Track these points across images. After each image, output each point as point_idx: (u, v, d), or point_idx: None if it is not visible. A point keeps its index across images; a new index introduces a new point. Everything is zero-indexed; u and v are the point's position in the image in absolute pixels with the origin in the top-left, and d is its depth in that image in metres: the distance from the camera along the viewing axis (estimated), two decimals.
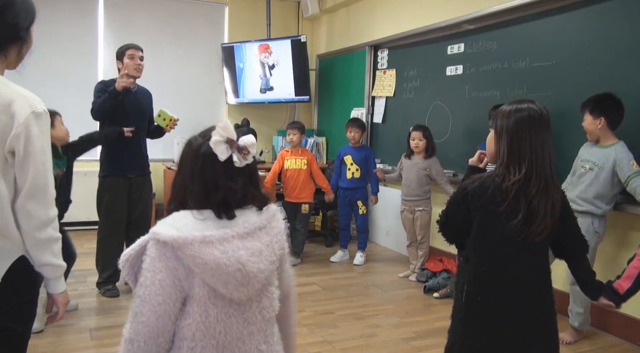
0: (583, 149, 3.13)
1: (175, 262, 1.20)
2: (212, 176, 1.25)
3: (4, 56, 1.47)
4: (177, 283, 1.21)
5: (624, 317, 3.14)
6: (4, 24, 1.42)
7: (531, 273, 1.71)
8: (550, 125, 1.71)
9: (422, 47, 4.80)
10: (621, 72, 3.10)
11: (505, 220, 1.65)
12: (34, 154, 1.39)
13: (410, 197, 4.29)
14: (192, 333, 1.23)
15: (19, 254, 1.41)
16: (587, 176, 3.01)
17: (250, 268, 1.23)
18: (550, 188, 1.66)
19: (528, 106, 1.69)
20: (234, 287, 1.22)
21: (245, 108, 6.32)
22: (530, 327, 1.69)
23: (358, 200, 4.78)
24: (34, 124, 1.40)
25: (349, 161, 4.75)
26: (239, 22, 6.32)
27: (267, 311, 1.32)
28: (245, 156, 1.27)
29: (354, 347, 3.02)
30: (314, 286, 4.10)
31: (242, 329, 1.27)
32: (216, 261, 1.19)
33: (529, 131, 1.66)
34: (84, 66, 5.70)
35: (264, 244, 1.28)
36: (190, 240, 1.18)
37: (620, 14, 3.11)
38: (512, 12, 3.78)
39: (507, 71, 3.87)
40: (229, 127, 1.26)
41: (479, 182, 1.71)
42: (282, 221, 1.37)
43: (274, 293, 1.34)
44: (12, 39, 1.46)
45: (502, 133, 1.70)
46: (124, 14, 5.84)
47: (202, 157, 1.26)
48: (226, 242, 1.22)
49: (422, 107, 4.75)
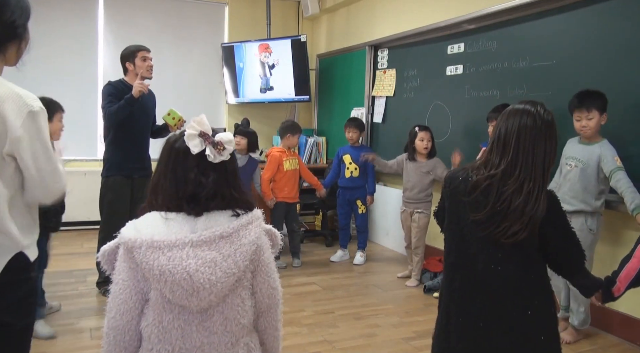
0: (568, 147, 3.13)
1: (133, 264, 1.22)
2: (183, 170, 1.25)
3: (2, 55, 1.47)
4: (136, 284, 1.22)
5: (624, 316, 3.14)
6: (1, 23, 1.42)
7: (500, 278, 1.62)
8: (554, 134, 1.67)
9: (422, 47, 4.80)
10: (621, 72, 3.10)
11: (470, 211, 1.63)
12: (36, 154, 1.42)
13: (411, 199, 4.27)
14: (149, 336, 1.24)
15: (17, 250, 1.43)
16: (572, 174, 3.03)
17: (197, 278, 1.18)
18: (534, 196, 1.57)
19: (536, 110, 1.65)
20: (182, 296, 1.19)
21: (245, 108, 6.32)
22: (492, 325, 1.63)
23: (357, 199, 4.78)
24: (32, 125, 1.41)
25: (348, 160, 4.75)
26: (239, 22, 6.32)
27: (232, 323, 1.27)
28: (220, 151, 1.25)
29: (354, 347, 3.02)
30: (314, 286, 4.10)
31: (203, 338, 1.25)
32: (160, 267, 1.17)
33: (526, 136, 1.62)
34: (84, 65, 5.70)
35: (222, 254, 1.22)
36: (139, 243, 1.19)
37: (620, 14, 3.11)
38: (512, 12, 3.78)
39: (507, 70, 3.86)
40: (203, 121, 1.25)
41: (454, 170, 1.77)
42: (257, 231, 1.29)
43: (240, 305, 1.28)
44: (10, 37, 1.46)
45: (496, 128, 1.69)
46: (124, 14, 5.84)
47: (175, 151, 1.27)
48: (176, 248, 1.19)
49: (422, 107, 4.74)
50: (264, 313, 1.37)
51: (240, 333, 1.30)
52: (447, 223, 1.76)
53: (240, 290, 1.28)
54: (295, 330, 3.22)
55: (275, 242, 1.40)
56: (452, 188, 1.73)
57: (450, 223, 1.75)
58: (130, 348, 1.26)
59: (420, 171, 4.21)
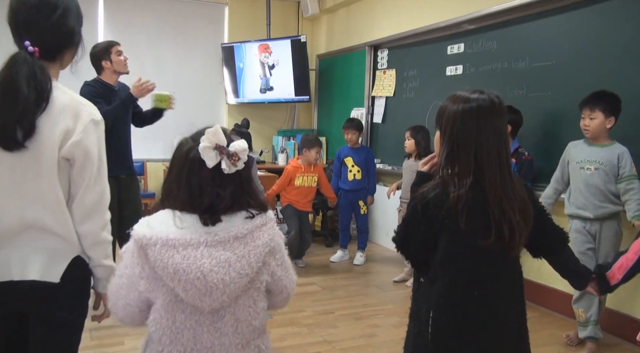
0: (577, 150, 3.00)
1: (142, 260, 1.22)
2: (198, 183, 1.23)
3: (61, 61, 1.51)
4: (137, 281, 1.23)
5: (624, 316, 3.14)
6: (63, 31, 1.46)
7: (511, 289, 1.52)
8: (503, 113, 1.49)
9: (422, 47, 4.80)
10: (621, 72, 3.10)
11: (476, 237, 1.41)
12: (92, 162, 1.45)
13: (405, 199, 4.26)
14: (159, 338, 1.24)
15: (75, 254, 1.48)
16: (596, 178, 2.87)
17: (211, 278, 1.18)
18: (511, 191, 1.43)
19: (477, 96, 1.47)
20: (195, 295, 1.19)
21: (245, 108, 6.32)
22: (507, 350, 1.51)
23: (360, 200, 4.76)
24: (92, 132, 1.45)
25: (350, 162, 4.72)
26: (239, 22, 6.33)
27: (243, 324, 1.27)
28: (235, 162, 1.23)
29: (354, 347, 3.02)
30: (314, 286, 4.10)
31: (214, 339, 1.24)
32: (175, 266, 1.17)
33: (476, 127, 1.43)
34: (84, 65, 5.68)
35: (236, 255, 1.22)
36: (154, 240, 1.19)
37: (620, 14, 3.11)
38: (512, 12, 3.78)
39: (507, 71, 3.86)
40: (219, 132, 1.23)
41: (440, 189, 1.44)
42: (270, 232, 1.29)
43: (252, 306, 1.28)
44: (69, 45, 1.50)
45: (444, 132, 1.50)
46: (124, 13, 5.84)
47: (189, 162, 1.24)
48: (190, 247, 1.19)
49: (422, 107, 4.74)
50: (280, 294, 1.38)
51: (251, 335, 1.30)
52: (445, 252, 1.47)
53: (252, 292, 1.28)
54: (295, 330, 3.22)
55: None
56: (446, 211, 1.43)
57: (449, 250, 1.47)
58: None
59: (410, 169, 4.19)
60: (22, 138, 1.34)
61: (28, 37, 1.40)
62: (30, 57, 1.38)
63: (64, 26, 1.46)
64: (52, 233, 1.43)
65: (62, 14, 1.44)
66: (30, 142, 1.36)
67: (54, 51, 1.46)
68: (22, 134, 1.34)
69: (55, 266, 1.44)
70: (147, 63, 5.66)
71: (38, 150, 1.37)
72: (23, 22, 1.41)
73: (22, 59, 1.37)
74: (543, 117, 3.58)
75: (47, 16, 1.42)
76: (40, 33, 1.42)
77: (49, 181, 1.40)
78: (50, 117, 1.38)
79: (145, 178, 5.77)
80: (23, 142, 1.35)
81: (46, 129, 1.37)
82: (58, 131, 1.38)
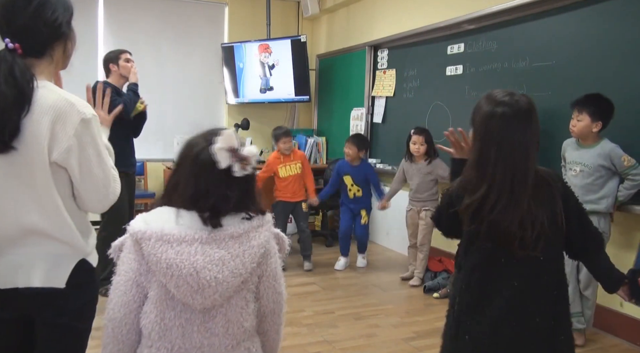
0: (569, 149, 3.10)
1: (139, 256, 1.22)
2: (206, 182, 1.23)
3: (50, 57, 1.44)
4: (137, 277, 1.23)
5: (625, 317, 3.14)
6: (44, 22, 1.39)
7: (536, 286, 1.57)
8: (531, 118, 1.59)
9: (422, 47, 4.80)
10: (621, 72, 3.10)
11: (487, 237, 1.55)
12: (89, 162, 1.41)
13: (418, 199, 4.25)
14: (149, 333, 1.23)
15: (80, 258, 1.46)
16: (579, 179, 2.98)
17: (204, 275, 1.18)
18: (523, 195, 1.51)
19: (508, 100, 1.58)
20: (186, 292, 1.19)
21: (245, 108, 6.32)
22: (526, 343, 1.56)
23: (362, 210, 4.68)
24: (85, 134, 1.39)
25: (349, 182, 4.61)
26: (239, 22, 6.32)
27: (234, 325, 1.27)
28: (245, 166, 1.24)
29: (354, 347, 3.02)
30: (314, 286, 4.10)
31: (203, 339, 1.24)
32: (168, 261, 1.17)
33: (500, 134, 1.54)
34: (84, 65, 5.69)
35: (230, 254, 1.22)
36: (148, 235, 1.19)
37: (620, 14, 3.11)
38: (512, 12, 3.78)
39: (507, 71, 3.86)
40: (232, 136, 1.24)
41: (460, 191, 1.60)
42: (266, 234, 1.29)
43: (244, 308, 1.28)
44: (55, 37, 1.44)
45: (475, 131, 1.61)
46: (124, 14, 5.83)
47: (200, 163, 1.24)
48: (185, 243, 1.19)
49: (422, 107, 4.74)
50: (267, 317, 1.37)
51: (241, 337, 1.29)
52: (466, 241, 1.64)
53: (244, 293, 1.28)
54: (295, 330, 3.22)
55: (282, 247, 1.39)
56: None
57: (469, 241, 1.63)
58: (128, 343, 1.26)
59: (420, 172, 4.21)
60: (7, 138, 1.31)
61: (8, 34, 1.36)
62: (10, 55, 1.34)
63: (44, 18, 1.39)
64: (54, 239, 1.41)
65: (39, 4, 1.38)
66: (18, 143, 1.33)
67: (37, 45, 1.40)
68: (6, 134, 1.31)
69: (59, 272, 1.42)
70: (147, 63, 5.65)
71: (27, 152, 1.34)
72: (1, 18, 1.37)
73: (1, 58, 1.34)
74: (543, 117, 3.50)
75: (22, 9, 1.36)
76: (20, 28, 1.37)
77: (45, 187, 1.37)
78: (33, 118, 1.34)
79: (145, 178, 5.77)
80: (9, 141, 1.32)
81: (31, 129, 1.33)
82: (43, 130, 1.34)
